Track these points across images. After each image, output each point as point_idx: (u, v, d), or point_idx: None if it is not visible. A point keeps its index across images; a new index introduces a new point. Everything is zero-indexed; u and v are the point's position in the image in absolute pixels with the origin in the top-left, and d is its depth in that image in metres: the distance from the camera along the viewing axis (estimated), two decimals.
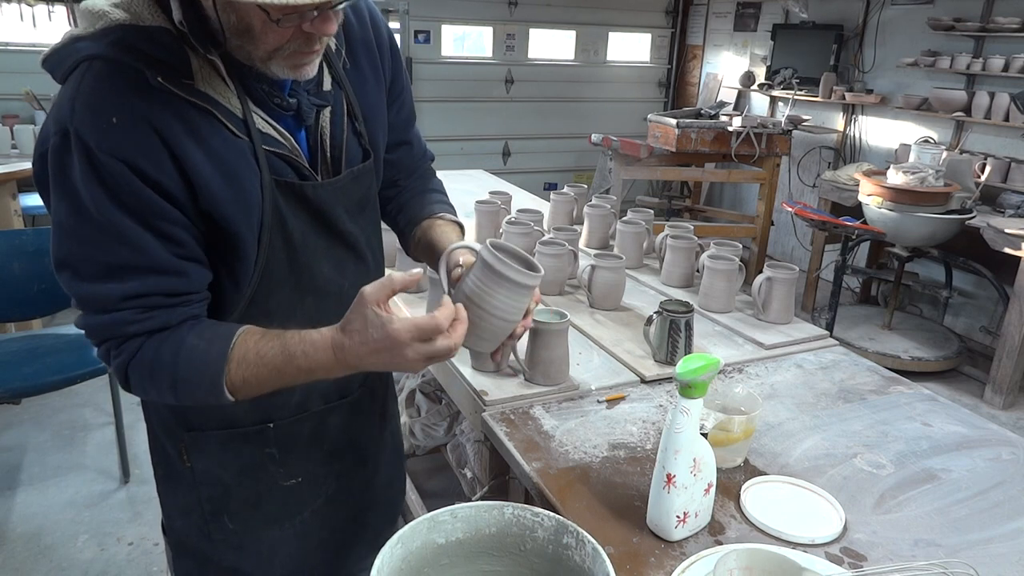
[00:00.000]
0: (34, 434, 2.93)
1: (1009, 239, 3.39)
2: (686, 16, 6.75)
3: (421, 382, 2.30)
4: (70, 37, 0.87)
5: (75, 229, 0.84)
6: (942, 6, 4.50)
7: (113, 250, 0.84)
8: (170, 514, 1.15)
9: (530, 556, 0.84)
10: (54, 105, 0.85)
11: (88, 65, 0.83)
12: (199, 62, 0.86)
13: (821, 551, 0.99)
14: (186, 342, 0.88)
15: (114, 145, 0.81)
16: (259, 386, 0.90)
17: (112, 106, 0.82)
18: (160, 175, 0.84)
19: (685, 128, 4.51)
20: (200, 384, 0.88)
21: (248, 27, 0.83)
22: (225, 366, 0.87)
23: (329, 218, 1.02)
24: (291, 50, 0.85)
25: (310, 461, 1.14)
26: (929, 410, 1.39)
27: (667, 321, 1.47)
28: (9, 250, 2.45)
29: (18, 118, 4.50)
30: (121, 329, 0.87)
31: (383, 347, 0.85)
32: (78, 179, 0.82)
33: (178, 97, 0.84)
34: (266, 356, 0.88)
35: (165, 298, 0.88)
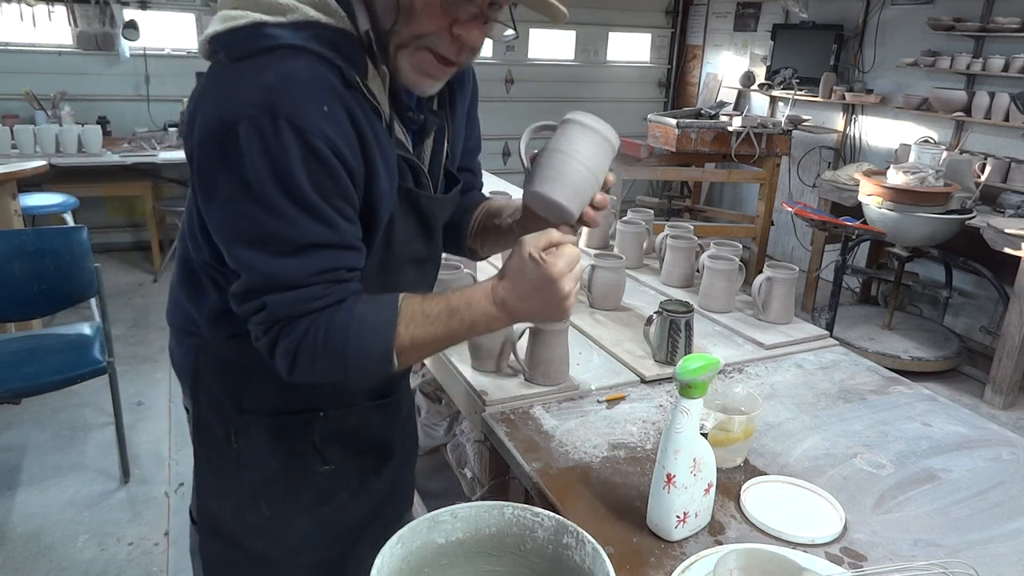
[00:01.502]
0: (34, 434, 2.93)
1: (1009, 239, 3.39)
2: (686, 16, 6.75)
3: (421, 382, 2.30)
4: (255, 21, 0.88)
5: (272, 205, 0.85)
6: (942, 6, 4.50)
7: (310, 228, 0.87)
8: (204, 496, 1.16)
9: (530, 556, 0.84)
10: (230, 84, 0.85)
11: (290, 52, 0.86)
12: (372, 69, 0.93)
13: (821, 551, 0.99)
14: (356, 309, 0.92)
15: (327, 132, 0.85)
16: (425, 345, 0.94)
17: (322, 96, 0.86)
18: (356, 164, 0.90)
19: (685, 128, 4.51)
20: (371, 351, 0.91)
21: (412, 4, 0.88)
22: (395, 327, 0.91)
23: (430, 228, 1.09)
24: (429, 46, 0.91)
25: (343, 452, 1.16)
26: (929, 410, 1.39)
27: (667, 321, 1.47)
28: (9, 250, 2.45)
29: (18, 118, 4.50)
30: (308, 304, 0.89)
31: (541, 285, 0.91)
32: (288, 160, 0.83)
33: (363, 96, 0.91)
34: (431, 314, 0.93)
35: (347, 272, 0.92)
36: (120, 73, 4.96)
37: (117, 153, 4.39)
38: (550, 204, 0.97)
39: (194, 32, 5.11)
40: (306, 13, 0.89)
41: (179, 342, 1.14)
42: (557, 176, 0.96)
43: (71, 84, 4.78)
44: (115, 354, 2.57)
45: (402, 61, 0.92)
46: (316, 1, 0.90)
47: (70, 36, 4.81)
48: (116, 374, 2.52)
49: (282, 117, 0.82)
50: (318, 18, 0.89)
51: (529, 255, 0.91)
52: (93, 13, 4.76)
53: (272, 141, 0.83)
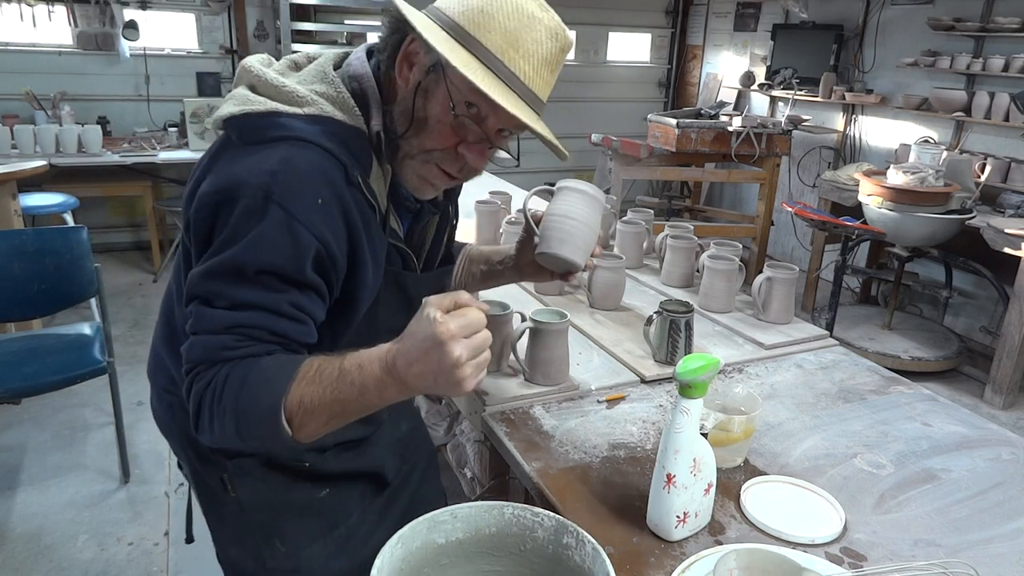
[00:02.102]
0: (34, 434, 2.93)
1: (1009, 239, 3.39)
2: (686, 16, 6.75)
3: None
4: (271, 111, 0.92)
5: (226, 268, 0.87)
6: (942, 6, 4.50)
7: (248, 293, 0.88)
8: (223, 545, 1.17)
9: (530, 556, 0.84)
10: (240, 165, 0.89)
11: (299, 145, 0.90)
12: (376, 166, 0.98)
13: (821, 551, 0.99)
14: (260, 363, 0.87)
15: (315, 222, 0.88)
16: (313, 408, 0.84)
17: (319, 189, 0.89)
18: (340, 257, 0.92)
19: (685, 128, 4.51)
20: (260, 405, 0.84)
21: (425, 118, 0.94)
22: (288, 384, 0.84)
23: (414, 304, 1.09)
24: (435, 161, 0.97)
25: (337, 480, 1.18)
26: (929, 410, 1.39)
27: (667, 321, 1.47)
28: (9, 250, 2.45)
29: (18, 118, 4.50)
30: (218, 353, 0.87)
31: (431, 345, 0.80)
32: (261, 232, 0.86)
33: (362, 194, 0.94)
34: (324, 371, 0.85)
35: (269, 334, 0.90)
36: (120, 73, 4.96)
37: (117, 153, 4.39)
38: (564, 262, 1.14)
39: (194, 32, 5.12)
40: (322, 108, 0.93)
41: (159, 398, 1.15)
42: (569, 239, 1.12)
43: (71, 84, 4.78)
44: (115, 354, 2.57)
45: (407, 169, 0.98)
46: (334, 96, 0.94)
47: (70, 36, 4.81)
48: (116, 374, 2.52)
49: (274, 200, 0.86)
50: (333, 114, 0.93)
51: (427, 313, 0.81)
52: (93, 13, 4.76)
53: (256, 218, 0.86)
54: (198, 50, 5.13)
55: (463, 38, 0.90)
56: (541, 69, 0.94)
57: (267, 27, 5.23)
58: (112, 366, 2.49)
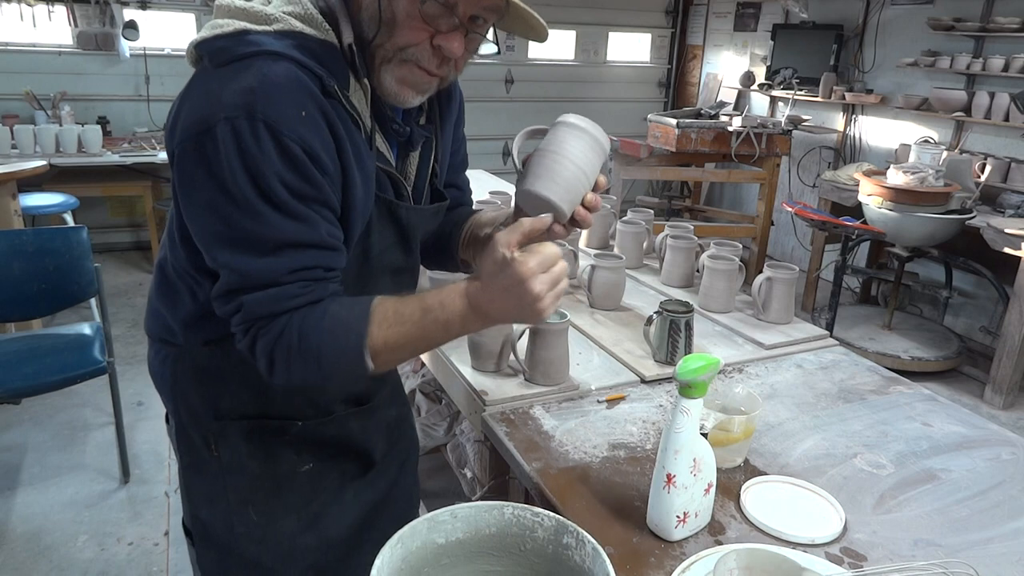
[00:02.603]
0: (34, 434, 2.93)
1: (1009, 239, 3.39)
2: (686, 16, 6.75)
3: (421, 382, 2.30)
4: (240, 29, 0.90)
5: (247, 206, 0.86)
6: (942, 6, 4.50)
7: (285, 227, 0.88)
8: (195, 504, 1.17)
9: (530, 556, 0.84)
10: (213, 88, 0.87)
11: (272, 60, 0.88)
12: (353, 81, 0.95)
13: (821, 551, 0.99)
14: (330, 309, 0.91)
15: (303, 134, 0.87)
16: (400, 346, 0.92)
17: (300, 100, 0.87)
18: (332, 167, 0.91)
19: (685, 128, 4.51)
20: (344, 350, 0.90)
21: (393, 16, 0.91)
22: (367, 328, 0.90)
23: (408, 240, 1.10)
24: (412, 59, 0.93)
25: (321, 453, 1.17)
26: (929, 410, 1.39)
27: (667, 321, 1.47)
28: (9, 250, 2.45)
29: (18, 118, 4.50)
30: (285, 303, 0.89)
31: (511, 283, 0.87)
32: (264, 161, 0.85)
33: (342, 105, 0.93)
34: (404, 314, 0.91)
35: (324, 272, 0.92)
36: (120, 73, 4.96)
37: (117, 153, 4.39)
38: (542, 202, 0.96)
39: (194, 32, 5.11)
40: (291, 24, 0.91)
41: (156, 351, 1.14)
42: (548, 174, 0.95)
43: (71, 84, 4.78)
44: (115, 354, 2.57)
45: (385, 74, 0.95)
46: (301, 13, 0.92)
47: (70, 36, 4.81)
48: (116, 374, 2.52)
49: (259, 118, 0.84)
50: (302, 29, 0.92)
51: (501, 255, 0.87)
52: (93, 13, 4.76)
53: (249, 141, 0.84)
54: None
55: None
56: None
57: None
58: (112, 366, 2.49)
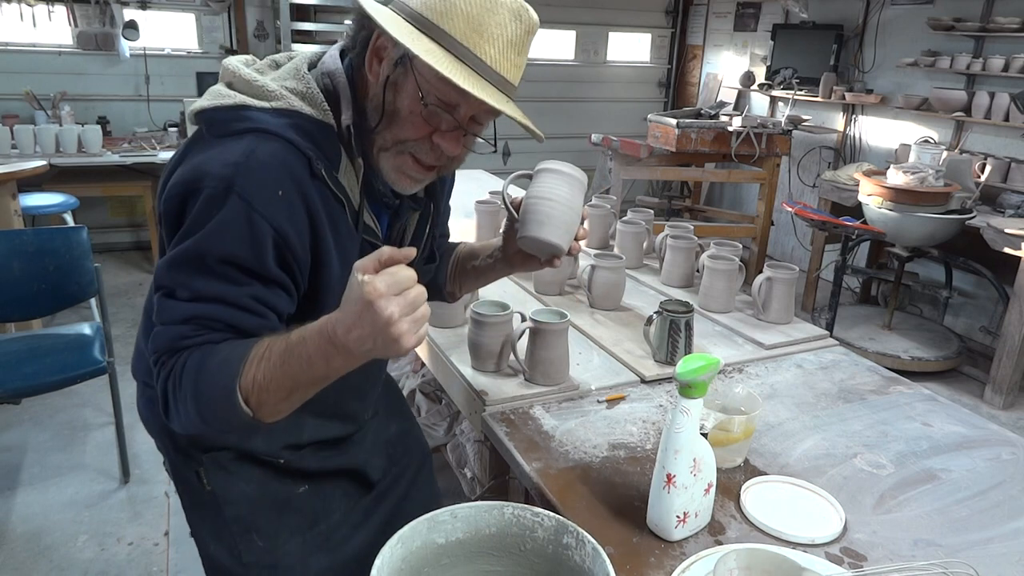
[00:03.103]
0: (34, 434, 2.93)
1: (1009, 239, 3.39)
2: (686, 16, 6.75)
3: (421, 382, 2.30)
4: (240, 104, 0.93)
5: (188, 258, 0.88)
6: (942, 6, 4.50)
7: (208, 284, 0.89)
8: (203, 543, 1.17)
9: (530, 556, 0.84)
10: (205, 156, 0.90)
11: (264, 137, 0.90)
12: (346, 161, 0.98)
13: (821, 551, 0.99)
14: (216, 349, 0.89)
15: (274, 213, 0.89)
16: (268, 387, 0.86)
17: (281, 181, 0.90)
18: (300, 250, 0.93)
19: (685, 128, 4.51)
20: (216, 388, 0.86)
21: (396, 110, 0.94)
22: (241, 366, 0.86)
23: None
24: (409, 151, 0.96)
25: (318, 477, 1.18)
26: (929, 410, 1.39)
27: (667, 321, 1.47)
28: (9, 250, 2.45)
29: (18, 118, 4.50)
30: (177, 342, 0.90)
31: (361, 307, 0.79)
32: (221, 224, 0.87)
33: (328, 188, 0.94)
34: (273, 349, 0.87)
35: (226, 326, 0.91)
36: (120, 73, 4.96)
37: (117, 153, 4.39)
38: (546, 245, 1.08)
39: (194, 32, 5.12)
40: (290, 102, 0.94)
41: (142, 393, 1.16)
42: (549, 221, 1.06)
43: (71, 84, 4.78)
44: (115, 354, 2.57)
45: (384, 162, 0.98)
46: (303, 91, 0.95)
47: (70, 36, 4.81)
48: (116, 374, 2.52)
49: (235, 191, 0.87)
50: (300, 108, 0.94)
51: (353, 277, 0.81)
52: (93, 13, 4.76)
53: (217, 208, 0.87)
54: (198, 50, 5.13)
55: (427, 28, 0.90)
56: (508, 51, 0.93)
57: (267, 27, 5.23)
58: (112, 366, 2.49)
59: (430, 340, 1.58)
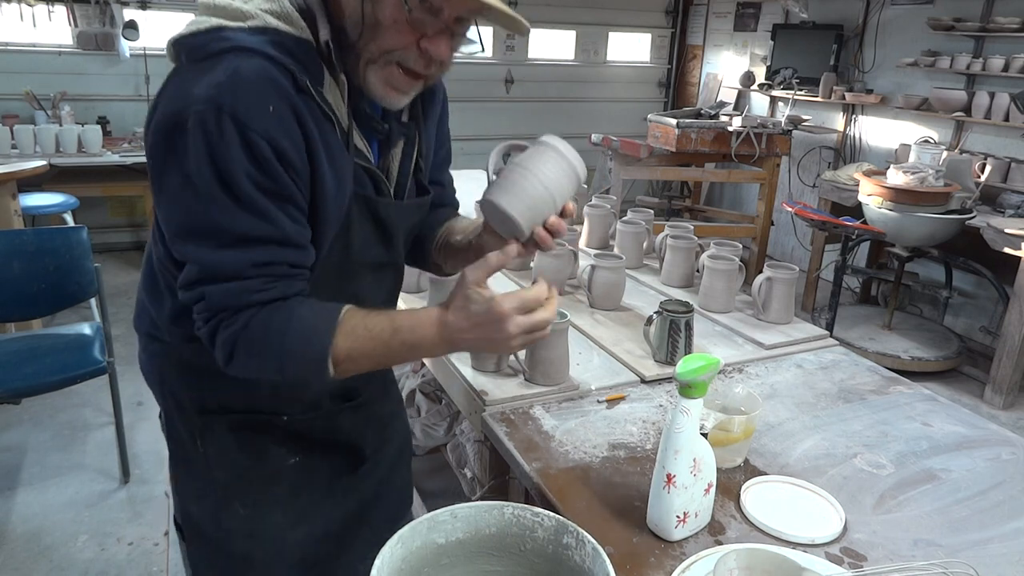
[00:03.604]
0: (34, 434, 2.93)
1: (1009, 239, 3.39)
2: (686, 16, 6.75)
3: (421, 382, 2.30)
4: (215, 25, 0.91)
5: (213, 199, 0.87)
6: (942, 6, 4.50)
7: (248, 221, 0.88)
8: (184, 501, 1.18)
9: (530, 556, 0.84)
10: (186, 83, 0.88)
11: (244, 56, 0.88)
12: (329, 78, 0.95)
13: (821, 551, 0.99)
14: (295, 312, 0.92)
15: (269, 129, 0.87)
16: (363, 359, 0.93)
17: (268, 95, 0.88)
18: (299, 162, 0.91)
19: (685, 128, 4.51)
20: (307, 354, 0.91)
21: (378, 21, 0.90)
22: (332, 337, 0.91)
23: (390, 235, 1.09)
24: (398, 59, 0.93)
25: (310, 448, 1.18)
26: (929, 410, 1.39)
27: (667, 321, 1.47)
28: (9, 250, 2.45)
29: (18, 118, 4.50)
30: (247, 297, 0.90)
31: (485, 320, 0.90)
32: (227, 153, 0.85)
33: (315, 101, 0.92)
34: (374, 329, 0.93)
35: (289, 268, 0.92)
36: (120, 73, 4.96)
37: (117, 153, 4.39)
38: (501, 215, 0.96)
39: None
40: (266, 20, 0.92)
41: (144, 347, 1.15)
42: (512, 188, 0.95)
43: (71, 84, 4.78)
44: (115, 354, 2.57)
45: (371, 76, 0.95)
46: (278, 11, 0.93)
47: (70, 36, 4.81)
48: (116, 374, 2.52)
49: (226, 113, 0.85)
50: (277, 26, 0.92)
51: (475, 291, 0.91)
52: (93, 13, 4.76)
53: (214, 135, 0.85)
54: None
55: None
56: None
57: None
58: (112, 366, 2.49)
59: None
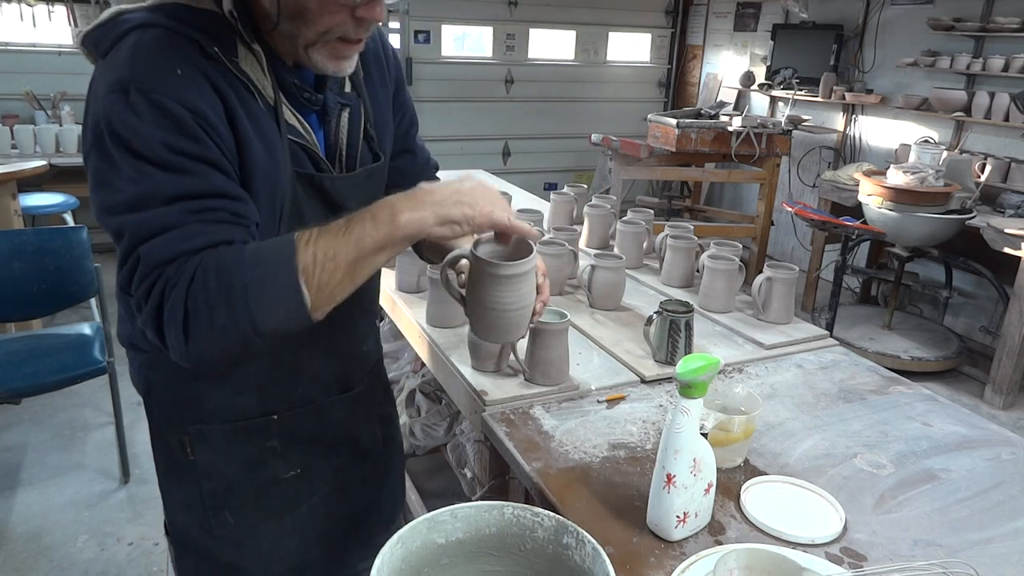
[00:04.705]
0: (34, 434, 2.93)
1: (1009, 239, 3.39)
2: (686, 16, 6.75)
3: (421, 382, 2.30)
4: (115, 12, 0.89)
5: (138, 173, 0.82)
6: (942, 6, 4.50)
7: (177, 182, 0.83)
8: (172, 509, 1.15)
9: (530, 556, 0.84)
10: (98, 76, 0.86)
11: (143, 31, 0.86)
12: (244, 49, 0.91)
13: (821, 551, 0.99)
14: (247, 247, 0.84)
15: (179, 92, 0.83)
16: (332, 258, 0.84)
17: (173, 61, 0.84)
18: (220, 125, 0.86)
19: (685, 128, 4.51)
20: (275, 280, 0.82)
21: (302, 9, 0.87)
22: (295, 249, 0.83)
23: (343, 211, 1.02)
24: (338, 35, 0.90)
25: (310, 454, 1.16)
26: (929, 410, 1.39)
27: (667, 321, 1.47)
28: (9, 250, 2.45)
29: (18, 118, 4.50)
30: (188, 243, 0.82)
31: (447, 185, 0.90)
32: (142, 126, 0.82)
33: (228, 69, 0.88)
34: (328, 228, 0.86)
35: (231, 215, 0.86)
36: None
37: None
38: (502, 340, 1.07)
39: None
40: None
41: (131, 358, 1.13)
42: (496, 330, 1.03)
43: (71, 84, 4.78)
44: (115, 354, 2.57)
45: (316, 55, 0.92)
46: None
47: (70, 36, 4.81)
48: (116, 374, 2.52)
49: (133, 87, 0.82)
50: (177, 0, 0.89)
51: None
52: (93, 13, 4.76)
53: (128, 113, 0.82)
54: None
55: None
56: None
57: None
58: (112, 366, 2.49)
59: (430, 340, 1.58)
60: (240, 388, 1.06)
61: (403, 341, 2.28)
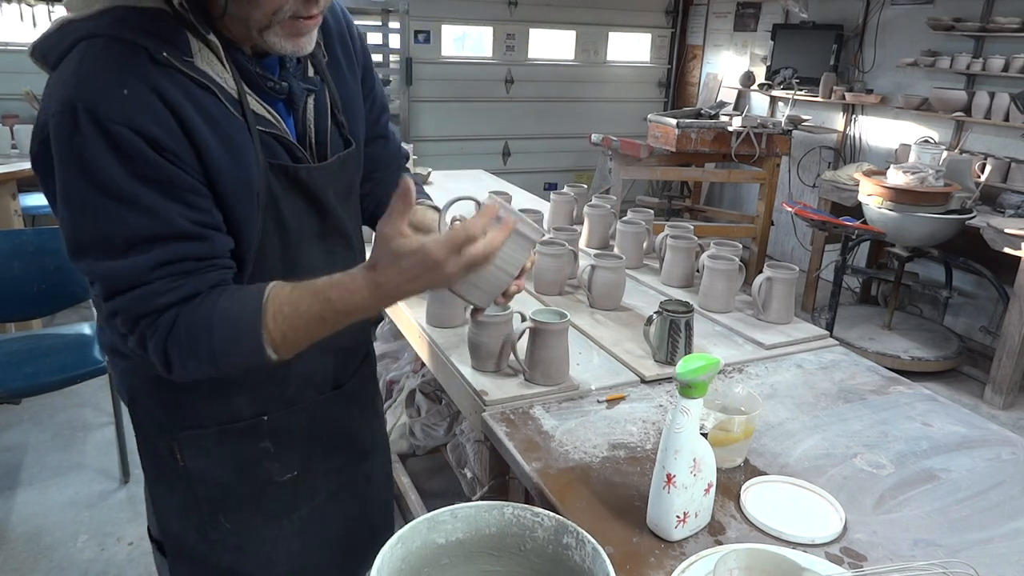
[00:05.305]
0: (34, 434, 2.93)
1: (1009, 239, 3.39)
2: (686, 16, 6.75)
3: (421, 382, 2.30)
4: (61, 22, 0.87)
5: (91, 207, 0.82)
6: (942, 6, 4.50)
7: (134, 222, 0.83)
8: (165, 517, 1.13)
9: (530, 556, 0.84)
10: (49, 88, 0.84)
11: (88, 43, 0.83)
12: (198, 44, 0.88)
13: (821, 551, 0.99)
14: (218, 305, 0.87)
15: (127, 115, 0.81)
16: (300, 337, 0.89)
17: (120, 78, 0.81)
18: (173, 143, 0.84)
19: (685, 128, 4.51)
20: (240, 345, 0.87)
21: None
22: (261, 326, 0.86)
23: (321, 202, 1.03)
24: (290, 14, 0.87)
25: (308, 456, 1.14)
26: (929, 410, 1.39)
27: (667, 321, 1.47)
28: (9, 250, 2.45)
29: (18, 118, 4.50)
30: (156, 301, 0.85)
31: (421, 270, 0.83)
32: (90, 153, 0.80)
33: (181, 73, 0.85)
34: (301, 306, 0.87)
35: (196, 263, 0.87)
36: None
37: None
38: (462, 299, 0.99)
39: None
40: (113, 2, 0.86)
41: (113, 365, 1.11)
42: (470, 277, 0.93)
43: None
44: None
45: (272, 38, 0.89)
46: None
47: None
48: None
49: (80, 110, 0.80)
50: (123, 2, 0.86)
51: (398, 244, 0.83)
52: None
53: (76, 138, 0.80)
54: None
55: None
56: None
57: None
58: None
59: (430, 340, 1.58)
60: (228, 391, 1.04)
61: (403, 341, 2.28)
